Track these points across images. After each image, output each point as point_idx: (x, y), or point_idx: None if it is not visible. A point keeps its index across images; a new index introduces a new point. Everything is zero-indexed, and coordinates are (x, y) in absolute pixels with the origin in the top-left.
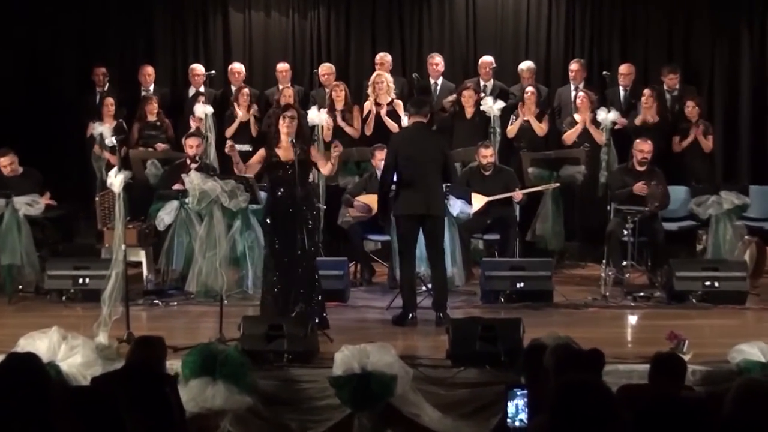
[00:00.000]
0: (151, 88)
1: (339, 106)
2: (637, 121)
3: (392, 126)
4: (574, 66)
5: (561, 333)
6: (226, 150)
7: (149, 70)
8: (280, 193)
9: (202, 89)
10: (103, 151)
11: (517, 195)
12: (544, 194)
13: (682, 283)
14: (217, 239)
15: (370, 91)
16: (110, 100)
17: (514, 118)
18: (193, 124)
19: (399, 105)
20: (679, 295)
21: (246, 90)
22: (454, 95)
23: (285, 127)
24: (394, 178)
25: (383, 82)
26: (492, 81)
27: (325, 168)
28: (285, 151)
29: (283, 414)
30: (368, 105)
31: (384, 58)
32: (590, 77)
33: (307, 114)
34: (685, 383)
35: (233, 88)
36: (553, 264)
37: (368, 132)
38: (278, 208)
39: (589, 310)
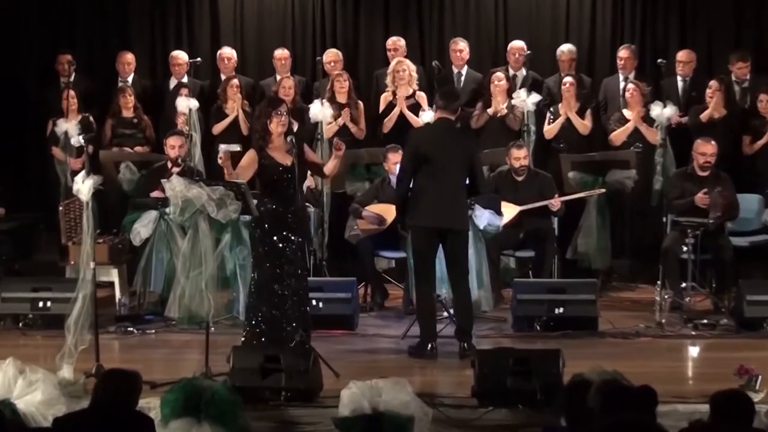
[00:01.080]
0: (131, 78)
1: (341, 99)
2: (703, 117)
3: (416, 122)
4: (623, 53)
5: (607, 367)
6: (220, 161)
7: (129, 57)
8: (274, 203)
9: (185, 80)
10: (67, 154)
11: (555, 203)
12: (588, 203)
13: (754, 308)
14: (203, 256)
15: (389, 81)
16: (71, 93)
17: (551, 115)
18: (180, 123)
19: (423, 98)
20: (751, 322)
21: (235, 81)
22: (480, 104)
23: (280, 126)
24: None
25: (405, 70)
26: (524, 70)
27: (326, 168)
28: (279, 151)
29: None
30: (386, 97)
31: (397, 43)
32: (642, 66)
33: (308, 108)
34: (755, 427)
35: (223, 78)
36: (598, 286)
37: (386, 129)
38: (272, 221)
39: (641, 340)
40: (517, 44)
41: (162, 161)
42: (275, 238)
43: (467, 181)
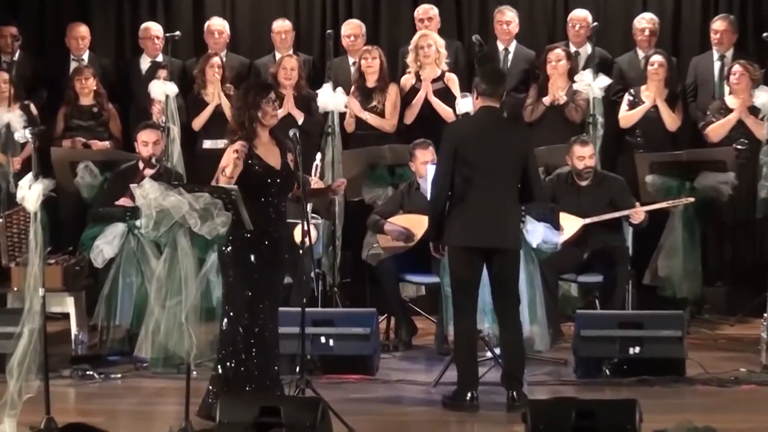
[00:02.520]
0: (86, 56)
1: (371, 82)
2: None
3: (444, 112)
4: (718, 25)
5: (698, 422)
6: (234, 155)
7: (81, 30)
8: (261, 215)
9: (160, 59)
10: (8, 154)
11: (638, 214)
12: (671, 215)
13: None
14: (183, 281)
15: (410, 59)
16: (4, 76)
17: (631, 98)
18: (155, 113)
19: (453, 81)
20: None
21: (216, 59)
22: (533, 90)
23: (272, 116)
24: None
25: (431, 45)
26: (588, 46)
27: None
28: (267, 149)
29: None
30: (407, 81)
31: (429, 12)
32: (743, 41)
33: (317, 95)
34: None
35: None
36: (686, 319)
37: (408, 120)
38: (258, 237)
39: (741, 389)
40: (580, 14)
41: (131, 161)
42: (251, 257)
43: (518, 187)
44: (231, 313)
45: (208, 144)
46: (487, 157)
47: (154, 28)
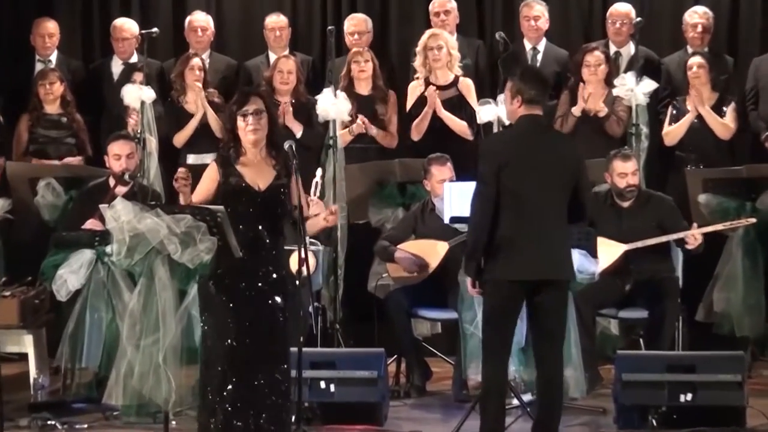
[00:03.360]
0: (54, 57)
1: (363, 88)
2: None
3: (457, 126)
4: None
5: None
6: (176, 183)
7: (49, 27)
8: (238, 242)
9: (135, 59)
10: None
11: (694, 237)
12: (729, 241)
13: None
14: (161, 317)
15: (418, 63)
16: None
17: (675, 111)
18: (130, 123)
19: (468, 88)
20: None
21: (195, 62)
22: (565, 96)
23: (249, 132)
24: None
25: (441, 47)
26: (631, 45)
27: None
28: (254, 168)
29: None
30: (415, 88)
31: (447, 4)
32: None
33: (316, 101)
34: None
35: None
36: (747, 361)
37: (416, 135)
38: (235, 268)
39: None
40: (622, 8)
41: (101, 178)
42: (232, 294)
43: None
44: (210, 355)
45: (192, 159)
46: (536, 176)
47: (127, 26)
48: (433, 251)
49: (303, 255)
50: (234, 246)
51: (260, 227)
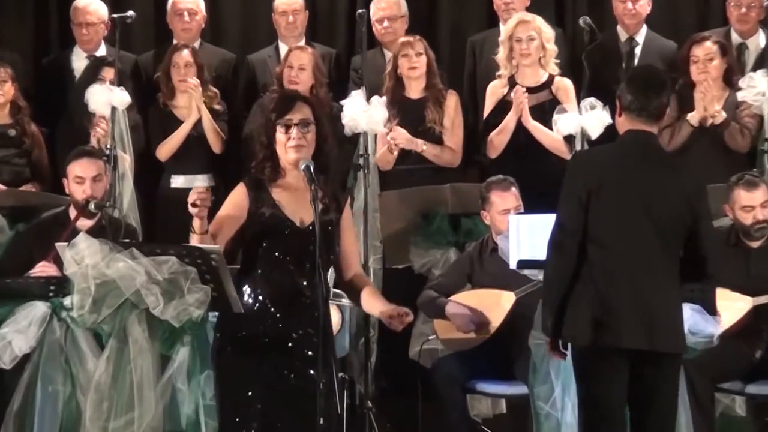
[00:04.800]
0: None
1: (414, 90)
2: None
3: (549, 140)
4: None
5: None
6: (193, 207)
7: None
8: (261, 296)
9: (103, 51)
10: None
11: None
12: None
13: None
14: (136, 390)
15: (501, 57)
16: None
17: None
18: (97, 135)
19: (565, 91)
20: None
21: (184, 54)
22: (672, 108)
23: (292, 149)
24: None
25: (533, 38)
26: (761, 35)
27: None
28: (295, 197)
29: None
30: (497, 89)
31: None
32: None
33: (341, 108)
34: None
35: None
36: None
37: (493, 151)
38: (259, 329)
39: None
40: None
41: (58, 208)
42: (259, 366)
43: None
44: None
45: (179, 181)
46: (638, 209)
47: (92, 8)
48: (496, 305)
49: (323, 311)
50: (233, 297)
51: (299, 275)
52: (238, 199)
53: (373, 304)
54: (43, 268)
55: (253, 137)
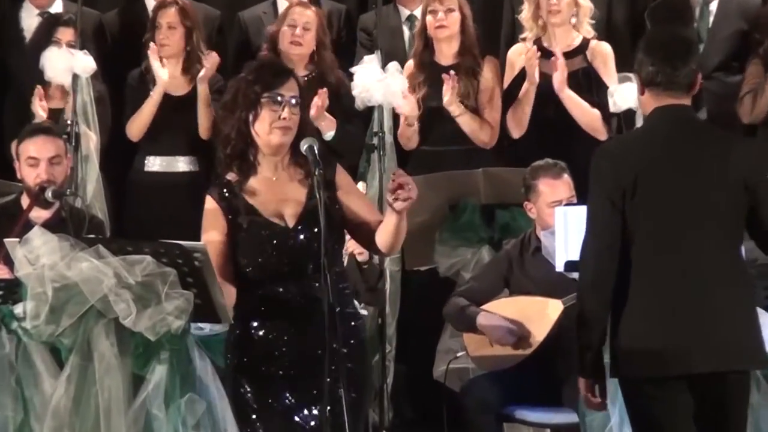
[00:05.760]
0: None
1: (445, 54)
2: None
3: (585, 115)
4: None
5: None
6: None
7: None
8: (278, 319)
9: (59, 7)
10: None
11: None
12: None
13: None
14: (103, 416)
15: (525, 15)
16: None
17: None
18: (40, 109)
19: (603, 57)
20: None
21: (170, 11)
22: (755, 75)
23: (278, 131)
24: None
25: None
26: None
27: (382, 234)
28: (271, 192)
29: None
30: (519, 54)
31: None
32: None
33: (351, 77)
34: None
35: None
36: None
37: (516, 129)
38: (279, 348)
39: None
40: None
41: (8, 196)
42: (256, 387)
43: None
44: None
45: (155, 164)
46: (687, 200)
47: None
48: (540, 315)
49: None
50: (220, 305)
51: (307, 281)
52: (213, 217)
53: (382, 227)
54: None
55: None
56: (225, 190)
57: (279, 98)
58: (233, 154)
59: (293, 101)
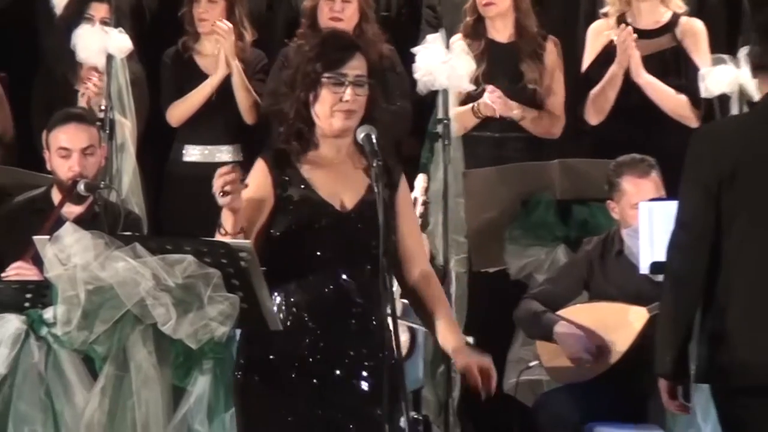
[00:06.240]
0: None
1: (500, 31)
2: None
3: (671, 102)
4: None
5: None
6: (220, 193)
7: None
8: (305, 305)
9: None
10: None
11: None
12: None
13: None
14: (140, 431)
15: None
16: None
17: None
18: (88, 92)
19: (695, 37)
20: None
21: None
22: None
23: (341, 114)
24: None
25: None
26: None
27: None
28: (333, 174)
29: None
30: (602, 31)
31: None
32: None
33: (413, 58)
34: None
35: None
36: None
37: (595, 116)
38: (296, 351)
39: None
40: None
41: (36, 190)
42: (287, 403)
43: None
44: None
45: (194, 154)
46: None
47: None
48: (622, 324)
49: (394, 330)
50: (269, 310)
51: (344, 276)
52: (259, 179)
53: (447, 336)
54: (17, 270)
55: (276, 97)
56: (282, 158)
57: (342, 78)
58: (291, 133)
59: (359, 81)
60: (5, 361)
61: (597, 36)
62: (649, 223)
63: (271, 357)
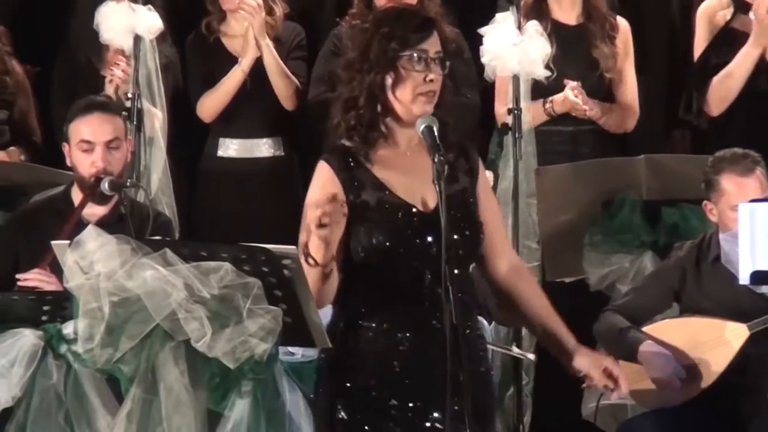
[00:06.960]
0: None
1: (567, 12)
2: None
3: None
4: None
5: None
6: (319, 233)
7: None
8: (399, 324)
9: None
10: None
11: None
12: None
13: None
14: None
15: None
16: None
17: None
18: (115, 77)
19: None
20: None
21: None
22: None
23: (422, 98)
24: None
25: None
26: None
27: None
28: (408, 170)
29: None
30: (716, 10)
31: None
32: None
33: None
34: None
35: None
36: None
37: (716, 106)
38: (390, 377)
39: None
40: None
41: (56, 188)
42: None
43: None
44: None
45: (230, 149)
46: None
47: None
48: (718, 342)
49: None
50: (315, 326)
51: (428, 281)
52: (327, 185)
53: (558, 335)
54: (35, 279)
55: (327, 84)
56: (349, 159)
57: (424, 55)
58: (359, 123)
59: (440, 59)
60: (20, 382)
61: (709, 17)
62: (751, 227)
63: (361, 385)
